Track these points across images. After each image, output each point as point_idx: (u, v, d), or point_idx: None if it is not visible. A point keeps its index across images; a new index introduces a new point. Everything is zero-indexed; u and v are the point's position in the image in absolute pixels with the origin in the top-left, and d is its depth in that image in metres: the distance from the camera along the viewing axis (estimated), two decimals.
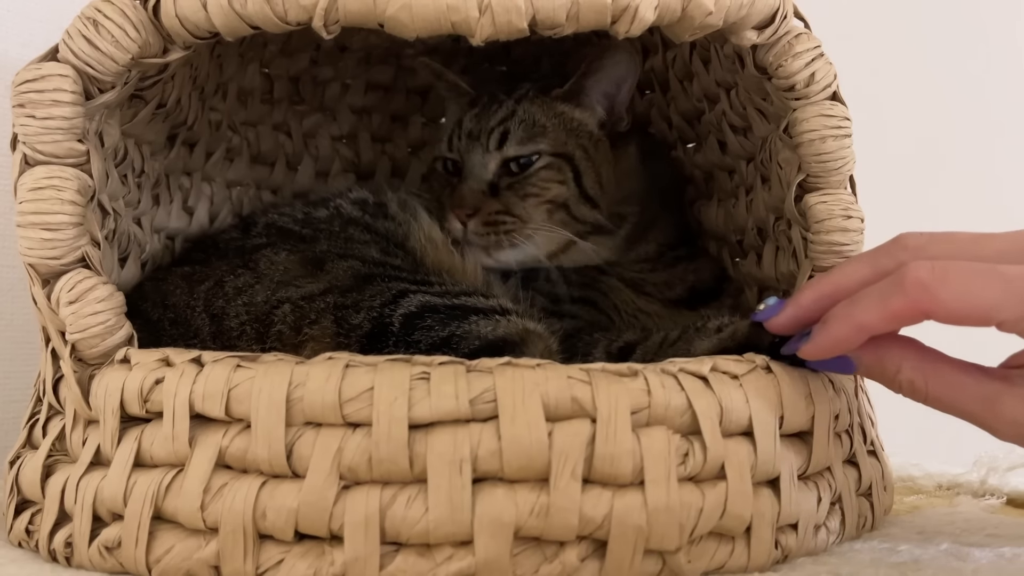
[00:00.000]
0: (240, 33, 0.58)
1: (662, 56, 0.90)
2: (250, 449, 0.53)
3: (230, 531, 0.53)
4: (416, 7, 0.54)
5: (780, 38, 0.63)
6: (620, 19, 0.56)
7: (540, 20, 0.55)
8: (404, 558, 0.52)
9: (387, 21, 0.55)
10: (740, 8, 0.60)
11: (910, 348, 0.56)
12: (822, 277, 0.60)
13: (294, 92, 1.00)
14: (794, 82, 0.64)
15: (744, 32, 0.62)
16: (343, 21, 0.55)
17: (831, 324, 0.56)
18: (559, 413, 0.52)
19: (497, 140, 0.85)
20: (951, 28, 1.49)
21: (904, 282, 0.52)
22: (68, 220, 0.58)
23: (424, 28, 0.55)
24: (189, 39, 0.59)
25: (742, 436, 0.57)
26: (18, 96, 0.58)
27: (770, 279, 0.78)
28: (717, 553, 0.55)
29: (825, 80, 0.64)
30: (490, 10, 0.54)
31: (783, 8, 0.63)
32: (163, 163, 0.78)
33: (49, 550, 0.59)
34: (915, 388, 0.56)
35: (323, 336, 0.64)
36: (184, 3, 0.58)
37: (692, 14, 0.58)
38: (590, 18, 0.56)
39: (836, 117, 0.64)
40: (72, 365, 0.59)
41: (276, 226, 0.82)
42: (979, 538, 0.66)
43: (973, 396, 0.55)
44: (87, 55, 0.58)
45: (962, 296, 0.51)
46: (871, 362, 0.57)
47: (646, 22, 0.57)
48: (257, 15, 0.56)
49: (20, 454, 0.64)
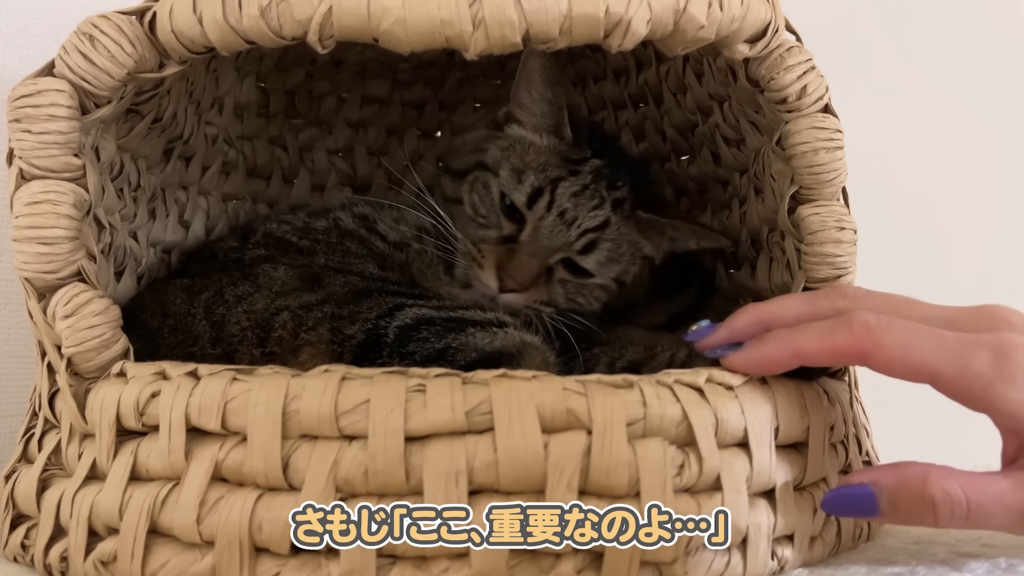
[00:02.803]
0: (235, 48, 0.58)
1: (655, 70, 0.91)
2: (246, 462, 0.53)
3: (226, 544, 0.53)
4: (410, 22, 0.54)
5: (772, 51, 0.64)
6: (613, 33, 0.57)
7: (534, 34, 0.56)
8: (400, 570, 0.52)
9: (382, 36, 0.55)
10: (732, 22, 0.60)
11: (926, 464, 0.57)
12: (758, 305, 0.63)
13: (290, 106, 1.00)
14: (786, 95, 0.64)
15: (736, 45, 0.63)
16: (338, 36, 0.55)
17: (768, 343, 0.59)
18: (555, 425, 0.52)
19: (582, 247, 0.81)
20: (943, 35, 1.50)
21: (852, 323, 0.57)
22: (64, 234, 0.58)
23: (418, 42, 0.55)
24: (185, 54, 0.59)
25: (738, 447, 0.57)
26: (14, 111, 0.58)
27: (764, 290, 0.78)
28: (713, 564, 0.55)
29: (817, 93, 0.64)
30: (484, 25, 0.55)
31: (775, 21, 0.63)
32: (159, 177, 0.79)
33: (44, 565, 0.58)
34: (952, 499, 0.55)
35: (319, 342, 0.64)
36: (180, 18, 0.58)
37: (684, 28, 0.59)
38: (583, 32, 0.56)
39: (828, 129, 0.64)
40: (68, 379, 0.59)
41: (274, 236, 0.82)
42: (975, 548, 0.66)
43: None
44: (83, 70, 0.58)
45: (903, 346, 0.56)
46: (892, 483, 0.56)
47: (638, 36, 0.57)
48: (252, 30, 0.56)
49: (16, 468, 0.64)
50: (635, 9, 0.56)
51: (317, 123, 1.04)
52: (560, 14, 0.55)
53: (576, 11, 0.55)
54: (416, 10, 0.54)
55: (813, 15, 0.76)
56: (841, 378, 0.68)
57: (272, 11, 0.55)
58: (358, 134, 1.07)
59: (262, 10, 0.56)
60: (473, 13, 0.55)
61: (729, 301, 0.87)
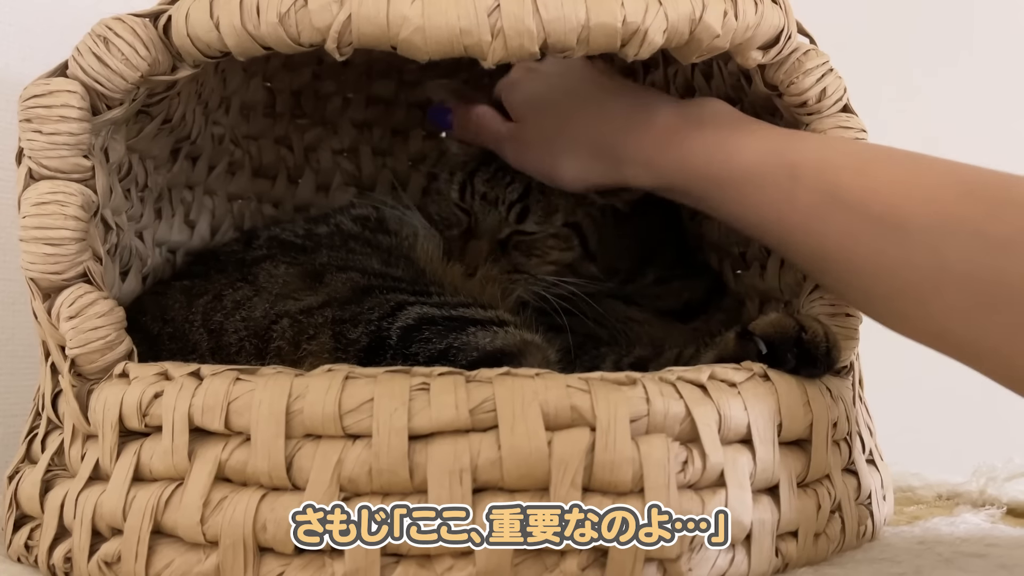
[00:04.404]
0: (252, 54, 0.58)
1: (663, 71, 0.91)
2: (250, 462, 0.53)
3: (230, 544, 0.53)
4: (430, 30, 0.54)
5: (788, 56, 0.65)
6: (630, 42, 0.57)
7: (552, 44, 0.56)
8: (405, 569, 0.52)
9: (400, 44, 0.55)
10: (747, 30, 0.61)
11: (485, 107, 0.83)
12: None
13: (296, 106, 1.00)
14: (806, 98, 0.65)
15: (750, 52, 0.63)
16: (356, 43, 0.55)
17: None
18: (559, 422, 0.52)
19: (516, 216, 0.86)
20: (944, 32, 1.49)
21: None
22: (71, 235, 0.58)
23: (437, 51, 0.55)
24: (199, 58, 0.60)
25: (741, 443, 0.57)
26: (25, 111, 0.58)
27: (773, 290, 0.78)
28: (718, 561, 0.55)
29: (836, 95, 0.66)
30: (502, 34, 0.55)
31: (787, 28, 0.64)
32: (166, 177, 0.79)
33: (48, 565, 0.59)
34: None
35: (321, 351, 0.64)
36: (196, 23, 0.58)
37: (700, 37, 0.59)
38: (600, 42, 0.56)
39: (854, 129, 0.66)
40: (71, 380, 0.59)
41: (278, 239, 0.82)
42: (979, 548, 0.66)
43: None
44: (96, 72, 0.58)
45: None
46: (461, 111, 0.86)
47: (655, 45, 0.57)
48: (270, 36, 0.56)
49: (19, 469, 0.64)
50: (652, 19, 0.57)
51: (323, 123, 1.04)
52: (578, 24, 0.55)
53: (594, 21, 0.55)
54: (435, 19, 0.54)
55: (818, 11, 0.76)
56: (844, 376, 0.68)
57: (291, 18, 0.55)
58: (363, 134, 1.07)
59: (280, 17, 0.55)
60: (492, 22, 0.55)
61: (736, 301, 0.86)
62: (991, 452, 0.79)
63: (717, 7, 0.59)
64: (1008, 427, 1.09)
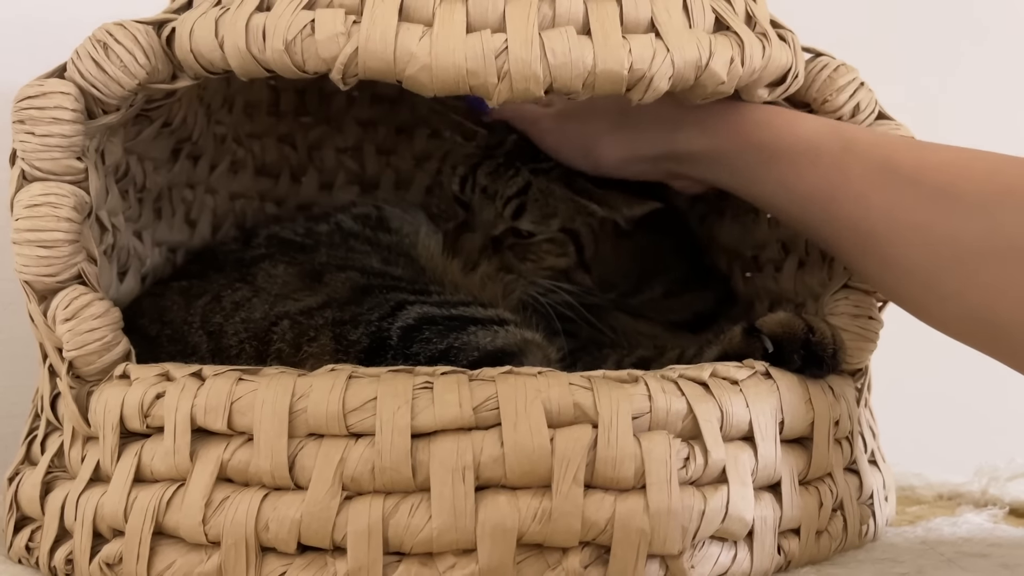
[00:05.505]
0: (254, 75, 0.58)
1: None
2: (252, 461, 0.53)
3: (232, 544, 0.53)
4: (436, 70, 0.54)
5: (819, 73, 0.66)
6: (635, 88, 0.57)
7: (557, 87, 0.55)
8: (407, 567, 0.52)
9: (406, 80, 0.55)
10: (752, 74, 0.61)
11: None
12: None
13: (300, 104, 1.00)
14: (840, 115, 0.66)
15: (755, 91, 0.63)
16: (362, 75, 0.55)
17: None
18: (561, 419, 0.53)
19: (512, 212, 0.85)
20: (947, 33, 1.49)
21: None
22: (64, 237, 0.58)
23: (443, 89, 0.55)
24: (200, 72, 0.59)
25: (743, 440, 0.57)
26: (18, 112, 0.58)
27: (788, 292, 0.78)
28: (720, 558, 0.55)
29: (869, 107, 0.67)
30: (508, 77, 0.54)
31: (795, 67, 0.64)
32: (166, 177, 0.79)
33: (50, 567, 0.59)
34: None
35: (322, 353, 0.64)
36: (200, 40, 0.58)
37: (704, 83, 0.59)
38: (606, 87, 0.56)
39: (899, 130, 0.67)
40: (69, 382, 0.59)
41: (278, 238, 0.82)
42: (982, 548, 0.66)
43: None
44: (94, 77, 0.58)
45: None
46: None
47: (660, 91, 0.57)
48: (274, 61, 0.56)
49: (19, 470, 0.64)
50: (659, 66, 0.56)
51: (327, 121, 1.04)
52: (584, 70, 0.55)
53: (600, 67, 0.55)
54: (443, 58, 0.54)
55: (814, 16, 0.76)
56: (857, 379, 0.68)
57: (297, 46, 0.55)
58: (367, 133, 1.06)
59: (287, 44, 0.55)
60: (499, 65, 0.54)
61: (744, 307, 0.86)
62: (993, 452, 0.79)
63: (724, 54, 0.59)
64: (1010, 427, 1.09)
